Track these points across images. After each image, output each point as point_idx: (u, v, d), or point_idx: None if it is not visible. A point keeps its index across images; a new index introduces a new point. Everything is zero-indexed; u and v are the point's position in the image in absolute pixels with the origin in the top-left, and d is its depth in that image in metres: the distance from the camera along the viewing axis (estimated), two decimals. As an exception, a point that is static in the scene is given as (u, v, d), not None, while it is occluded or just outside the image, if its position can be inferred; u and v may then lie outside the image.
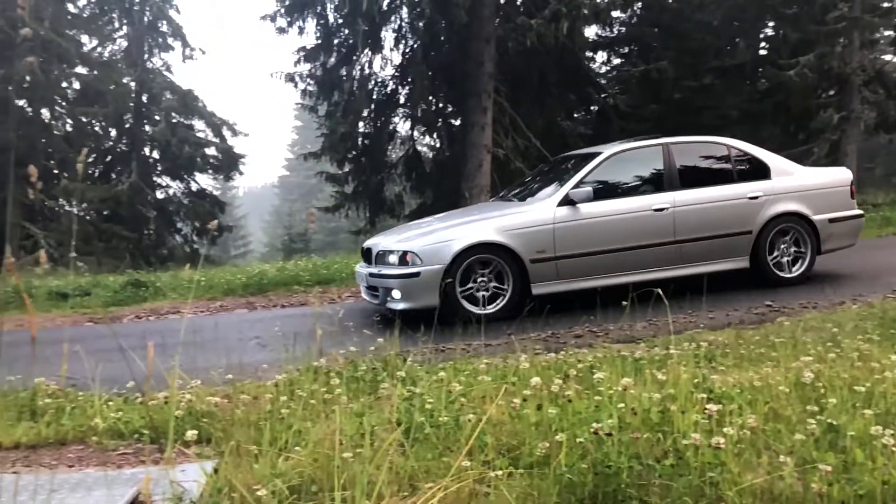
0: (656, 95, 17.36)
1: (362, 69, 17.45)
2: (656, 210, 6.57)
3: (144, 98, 21.05)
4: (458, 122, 17.93)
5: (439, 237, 6.46)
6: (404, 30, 17.59)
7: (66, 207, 18.24)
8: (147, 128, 20.95)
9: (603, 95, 18.14)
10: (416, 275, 6.19)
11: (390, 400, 3.05)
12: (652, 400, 2.48)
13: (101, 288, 10.07)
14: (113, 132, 20.79)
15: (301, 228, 30.58)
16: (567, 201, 6.47)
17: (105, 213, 18.42)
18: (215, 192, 23.88)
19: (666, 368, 3.08)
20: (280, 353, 4.33)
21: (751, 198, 6.78)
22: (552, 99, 17.16)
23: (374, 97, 17.77)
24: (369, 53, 17.39)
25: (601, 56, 19.63)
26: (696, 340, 3.75)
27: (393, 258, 6.45)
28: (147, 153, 21.09)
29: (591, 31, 18.35)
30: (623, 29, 19.25)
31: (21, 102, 18.03)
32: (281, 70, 16.70)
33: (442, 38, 17.16)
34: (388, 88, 18.11)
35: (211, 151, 21.26)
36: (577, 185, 6.61)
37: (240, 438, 2.67)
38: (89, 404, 3.72)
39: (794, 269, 6.86)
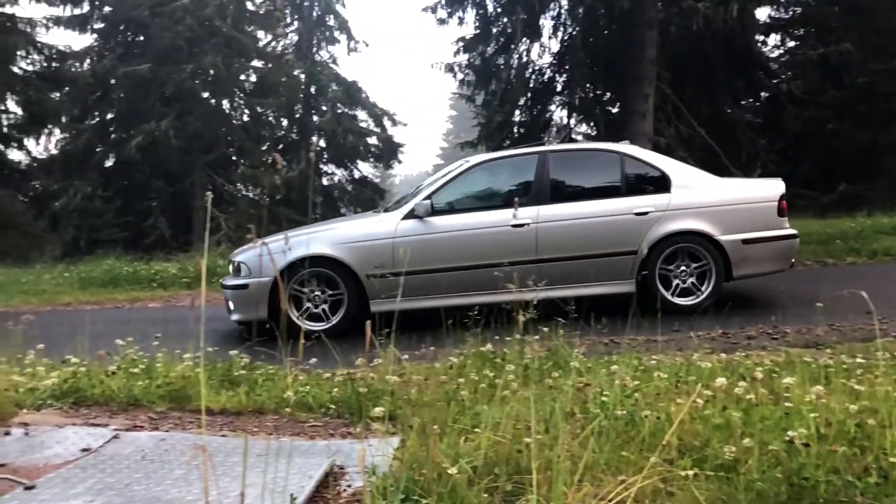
0: (837, 80, 16.03)
1: (520, 58, 17.45)
2: (515, 226, 5.94)
3: (313, 89, 22.25)
4: (616, 110, 17.52)
5: (273, 248, 6.09)
6: (563, 17, 17.39)
7: (244, 192, 19.70)
8: (315, 118, 22.14)
9: (775, 81, 17.02)
10: (245, 286, 6.00)
11: (560, 390, 3.09)
12: (848, 411, 2.35)
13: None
14: (284, 122, 22.15)
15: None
16: (413, 214, 6.06)
17: (277, 197, 19.71)
18: (375, 180, 24.84)
19: (862, 378, 2.90)
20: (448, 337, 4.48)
21: (637, 213, 5.98)
22: (718, 85, 16.31)
23: (531, 86, 17.74)
24: (527, 42, 17.36)
25: (773, 39, 18.38)
26: (891, 350, 3.47)
27: (232, 268, 6.36)
28: (315, 142, 22.30)
29: (762, 13, 17.25)
30: (798, 9, 17.92)
31: (205, 95, 19.62)
32: (441, 60, 17.04)
33: (601, 25, 16.81)
34: (546, 77, 18.01)
35: (372, 141, 22.14)
36: (429, 197, 6.19)
37: (419, 417, 2.81)
38: (279, 377, 4.05)
39: (695, 295, 5.95)
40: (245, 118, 21.17)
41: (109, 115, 19.66)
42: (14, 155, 18.37)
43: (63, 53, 18.10)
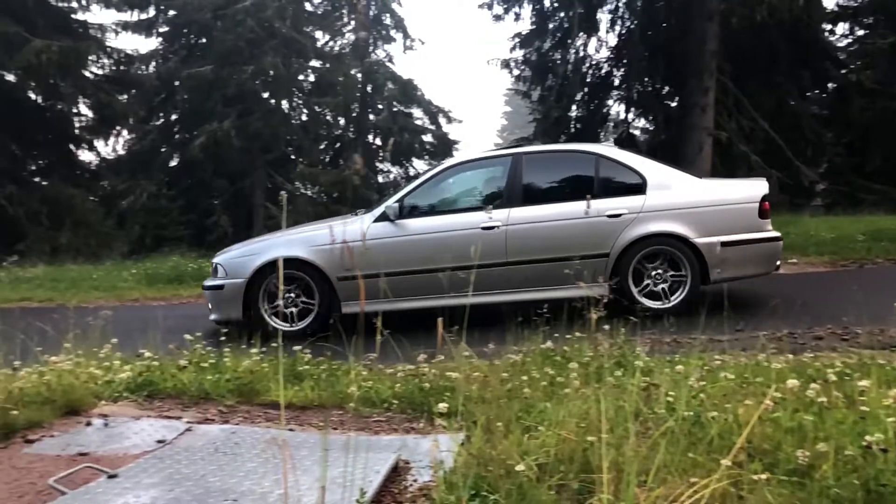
0: (909, 69, 15.42)
1: (577, 52, 17.32)
2: (485, 228, 5.90)
3: (369, 88, 22.44)
4: (675, 104, 17.22)
5: (248, 250, 6.38)
6: (621, 10, 17.20)
7: (302, 190, 20.04)
8: (371, 116, 22.35)
9: (843, 71, 16.46)
10: (221, 287, 6.15)
11: (624, 389, 3.07)
12: (929, 416, 2.28)
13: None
14: (342, 121, 22.42)
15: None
16: (384, 217, 6.09)
17: (334, 195, 19.97)
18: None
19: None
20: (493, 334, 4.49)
21: (610, 216, 5.86)
22: (782, 77, 15.85)
23: (588, 80, 17.60)
24: (584, 36, 17.22)
25: (841, 28, 17.76)
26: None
27: (211, 269, 6.48)
28: (371, 140, 22.52)
29: (829, 1, 16.69)
30: (869, -4, 17.27)
31: (265, 95, 20.02)
32: (496, 57, 17.02)
33: (660, 17, 16.54)
34: (603, 71, 17.84)
35: (428, 138, 22.22)
36: (401, 199, 6.19)
37: (483, 414, 2.83)
38: (342, 372, 4.13)
39: (670, 298, 5.80)
40: (303, 117, 21.51)
41: (174, 116, 20.22)
42: (85, 156, 19.19)
43: (130, 57, 18.72)
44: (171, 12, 19.76)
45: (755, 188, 6.05)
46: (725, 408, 2.70)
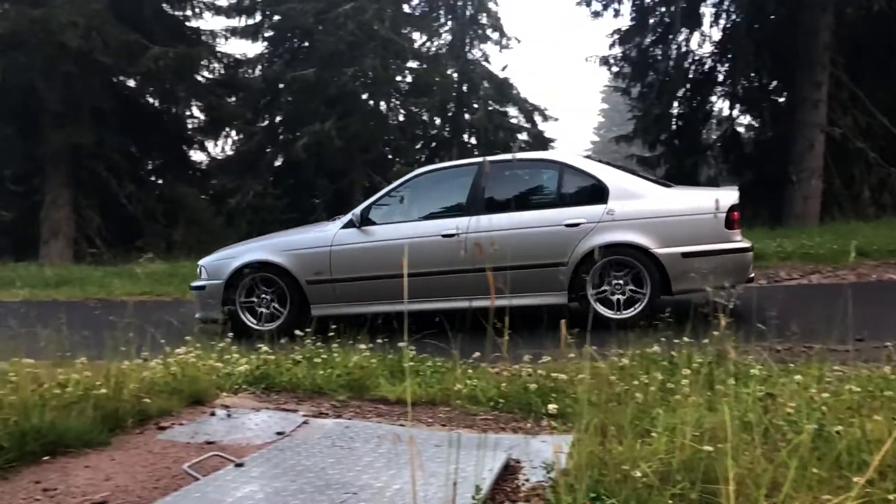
0: None
1: (678, 48, 16.87)
2: (445, 235, 6.00)
3: (465, 87, 22.59)
4: (783, 100, 16.49)
5: (228, 253, 6.73)
6: (726, 3, 16.60)
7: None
8: (466, 115, 22.48)
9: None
10: (203, 287, 6.51)
11: (738, 399, 2.99)
12: None
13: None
14: (437, 120, 22.66)
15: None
16: (351, 224, 6.29)
17: (430, 194, 20.23)
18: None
19: None
20: (604, 335, 4.44)
21: (568, 225, 5.81)
22: (904, 69, 14.89)
23: (691, 76, 17.10)
24: (686, 31, 16.74)
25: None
26: None
27: (197, 271, 6.81)
28: (466, 139, 22.66)
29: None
30: None
31: (365, 96, 20.49)
32: (595, 54, 16.80)
33: (768, 9, 15.85)
34: (706, 66, 17.29)
35: (523, 136, 22.16)
36: (368, 207, 6.39)
37: (593, 417, 2.83)
38: (446, 370, 4.21)
39: (628, 309, 5.68)
40: (400, 118, 21.86)
41: (278, 118, 20.97)
42: (196, 156, 20.23)
43: (238, 61, 19.54)
44: (276, 17, 20.49)
45: (723, 198, 5.81)
46: (851, 422, 2.59)
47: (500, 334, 2.78)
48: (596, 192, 5.95)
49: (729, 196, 5.85)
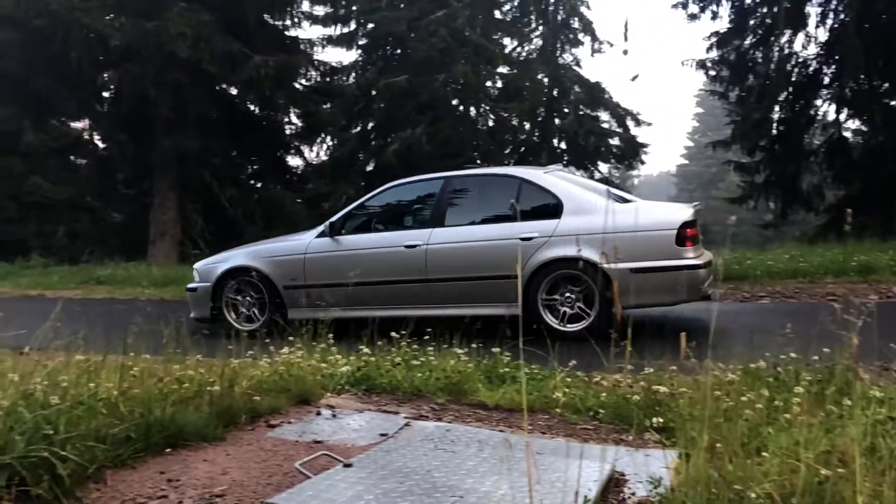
0: None
1: (781, 49, 16.24)
2: (408, 246, 6.32)
3: (555, 92, 22.44)
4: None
5: (218, 258, 7.25)
6: (833, 3, 15.86)
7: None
8: (557, 120, 22.33)
9: None
10: (195, 290, 7.09)
11: (850, 419, 2.87)
12: None
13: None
14: (527, 125, 22.60)
15: (700, 219, 29.53)
16: (324, 233, 6.66)
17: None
18: (615, 181, 24.45)
19: None
20: (701, 349, 4.32)
21: (523, 239, 5.94)
22: None
23: (793, 79, 16.41)
24: (789, 32, 16.09)
25: None
26: None
27: (193, 274, 7.31)
28: (556, 144, 22.50)
29: None
30: None
31: (455, 102, 20.67)
32: (691, 57, 16.38)
33: (879, 7, 15.04)
34: (810, 69, 16.57)
35: (614, 141, 21.83)
36: (343, 216, 6.74)
37: (698, 433, 2.77)
38: (542, 377, 4.21)
39: (578, 322, 5.81)
40: (490, 123, 21.93)
41: (370, 124, 21.41)
42: (293, 161, 20.94)
43: (334, 69, 20.09)
44: (370, 25, 20.98)
45: (674, 215, 5.87)
46: None
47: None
48: (551, 208, 6.08)
49: (680, 213, 5.88)
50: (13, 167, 17.08)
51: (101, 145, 19.88)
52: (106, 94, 18.48)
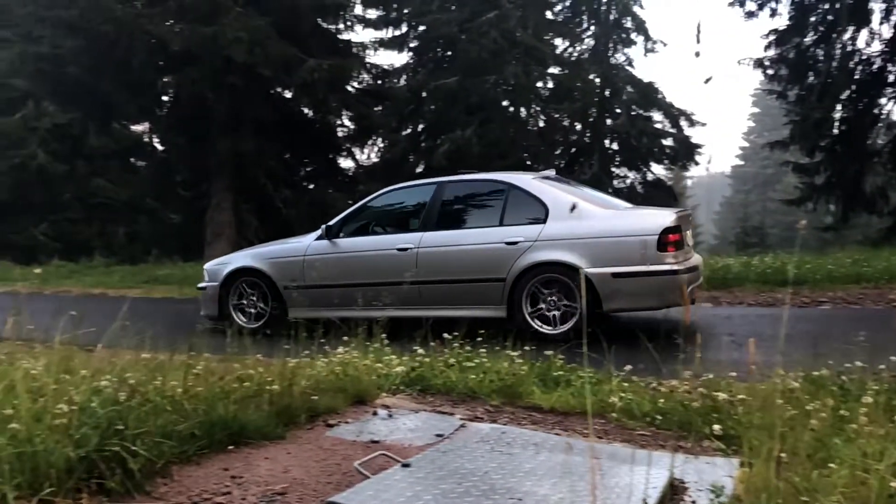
0: None
1: (843, 47, 15.77)
2: (400, 249, 6.46)
3: (607, 93, 22.22)
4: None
5: (224, 260, 7.55)
6: (900, -3, 15.33)
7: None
8: (608, 121, 22.10)
9: None
10: (205, 288, 7.37)
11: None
12: None
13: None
14: (578, 126, 22.43)
15: (756, 221, 28.90)
16: (322, 236, 6.85)
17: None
18: (668, 182, 24.10)
19: None
20: (763, 354, 4.23)
21: (508, 243, 6.09)
22: None
23: (856, 77, 15.91)
24: (852, 29, 15.60)
25: None
26: None
27: (203, 274, 7.56)
28: (607, 145, 22.27)
29: None
30: None
31: (505, 103, 20.65)
32: (749, 56, 16.03)
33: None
34: (874, 66, 16.03)
35: (668, 142, 21.51)
36: (342, 220, 6.94)
37: (759, 441, 2.71)
38: (596, 380, 4.17)
39: (561, 325, 5.88)
40: (541, 124, 21.84)
41: (420, 126, 21.56)
42: (344, 163, 21.19)
43: (385, 71, 20.29)
44: (421, 28, 21.11)
45: (656, 221, 5.90)
46: None
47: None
48: (537, 213, 6.17)
49: (662, 219, 5.91)
50: (78, 169, 17.72)
51: (160, 148, 20.49)
52: (165, 98, 19.04)
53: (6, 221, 17.74)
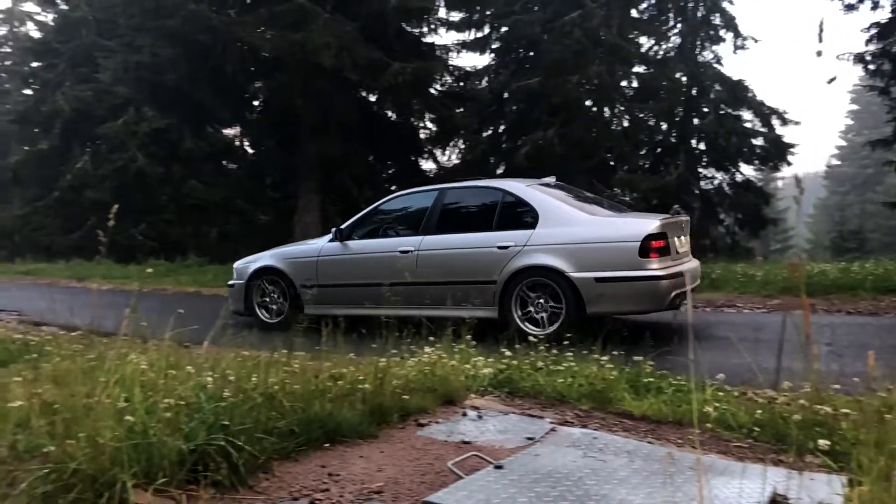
0: None
1: (953, 40, 14.84)
2: (402, 252, 6.81)
3: (694, 91, 21.59)
4: None
5: (250, 259, 8.03)
6: None
7: (621, 197, 20.02)
8: (695, 120, 21.48)
9: None
10: (233, 286, 7.94)
11: None
12: None
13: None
14: (664, 126, 21.91)
15: (853, 225, 27.44)
16: (333, 238, 7.30)
17: (654, 202, 19.60)
18: (759, 183, 23.22)
19: None
20: (858, 365, 4.03)
21: (500, 247, 6.38)
22: None
23: (967, 72, 14.96)
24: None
25: None
26: None
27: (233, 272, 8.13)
28: (694, 145, 21.66)
29: None
30: None
31: (588, 103, 20.37)
32: (848, 51, 15.29)
33: None
34: None
35: (758, 142, 20.72)
36: (352, 224, 7.38)
37: (867, 457, 2.60)
38: (688, 389, 4.08)
39: (549, 326, 6.07)
40: (625, 123, 21.45)
41: (502, 127, 21.54)
42: (426, 165, 21.42)
43: (467, 73, 20.37)
44: (503, 29, 21.08)
45: (639, 228, 6.05)
46: None
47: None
48: (528, 219, 6.43)
49: (645, 226, 6.05)
50: (174, 172, 18.56)
51: (250, 151, 21.21)
52: (256, 103, 19.71)
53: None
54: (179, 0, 15.81)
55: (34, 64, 25.79)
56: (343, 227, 7.38)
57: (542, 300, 6.22)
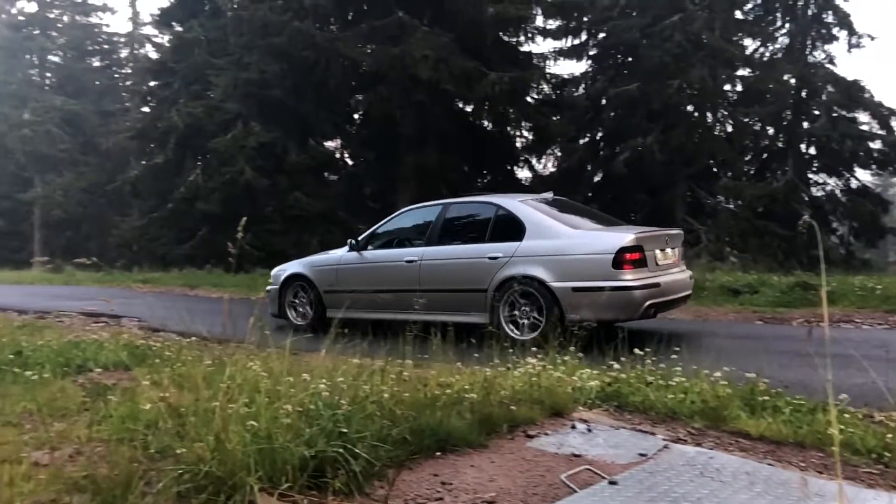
0: None
1: None
2: (407, 261, 7.36)
3: (804, 94, 20.66)
4: None
5: (285, 266, 8.72)
6: None
7: (724, 204, 19.35)
8: (805, 124, 20.53)
9: None
10: (269, 290, 8.63)
11: None
12: None
13: (768, 287, 10.39)
14: (770, 130, 21.05)
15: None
16: (351, 248, 7.90)
17: (760, 210, 18.84)
18: (876, 189, 21.91)
19: None
20: None
21: (490, 258, 6.83)
22: None
23: None
24: None
25: None
26: None
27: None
28: (803, 149, 20.69)
29: None
30: None
31: (689, 108, 19.81)
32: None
33: None
34: None
35: (875, 145, 19.58)
36: (367, 236, 7.99)
37: None
38: (806, 408, 3.89)
39: (530, 332, 6.43)
40: (728, 128, 20.75)
41: (599, 134, 21.27)
42: (521, 173, 21.38)
43: (564, 81, 20.23)
44: (601, 35, 20.83)
45: (613, 241, 6.41)
46: None
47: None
48: (517, 231, 6.82)
49: (619, 239, 6.38)
50: (280, 184, 19.29)
51: (350, 162, 21.78)
52: (356, 116, 20.25)
53: (220, 232, 19.67)
54: (285, 18, 16.48)
55: (152, 83, 27.46)
56: (360, 238, 7.99)
57: (526, 307, 6.63)
